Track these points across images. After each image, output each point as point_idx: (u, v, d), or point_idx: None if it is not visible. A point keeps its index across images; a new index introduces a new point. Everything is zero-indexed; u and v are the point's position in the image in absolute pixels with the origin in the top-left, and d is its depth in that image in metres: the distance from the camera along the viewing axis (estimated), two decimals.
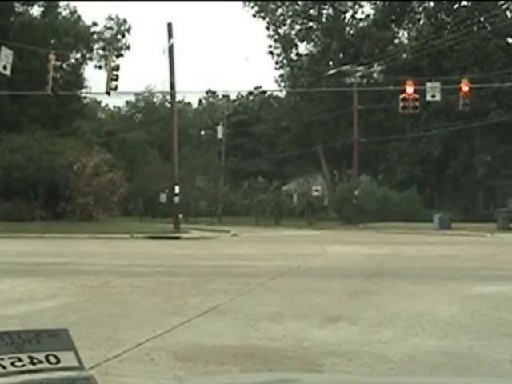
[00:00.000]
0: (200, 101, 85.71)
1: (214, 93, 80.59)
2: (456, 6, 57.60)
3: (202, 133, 78.29)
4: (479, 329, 9.01)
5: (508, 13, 56.43)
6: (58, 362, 1.41)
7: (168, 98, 49.53)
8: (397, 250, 25.37)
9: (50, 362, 1.39)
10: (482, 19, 55.27)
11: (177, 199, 38.46)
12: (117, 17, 56.43)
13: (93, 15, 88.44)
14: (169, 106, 47.77)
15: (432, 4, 59.81)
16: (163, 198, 53.45)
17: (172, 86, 39.32)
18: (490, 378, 3.54)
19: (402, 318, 9.72)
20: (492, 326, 9.19)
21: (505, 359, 7.28)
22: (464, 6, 57.20)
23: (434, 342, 8.06)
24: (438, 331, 8.73)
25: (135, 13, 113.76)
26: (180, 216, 39.12)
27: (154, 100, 74.22)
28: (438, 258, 21.29)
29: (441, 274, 16.28)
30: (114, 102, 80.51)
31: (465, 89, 36.65)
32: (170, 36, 38.45)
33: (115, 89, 34.55)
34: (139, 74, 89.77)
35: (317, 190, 56.58)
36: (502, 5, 56.31)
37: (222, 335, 8.51)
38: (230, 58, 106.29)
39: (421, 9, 60.65)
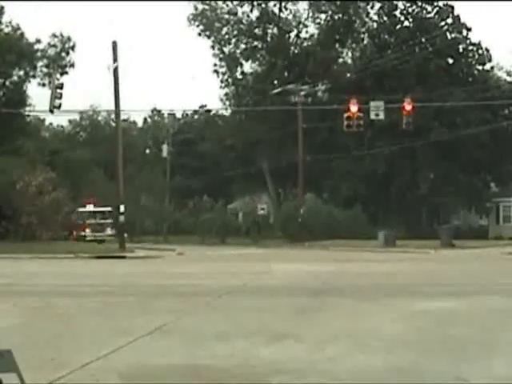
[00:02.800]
0: (145, 119, 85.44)
1: (160, 111, 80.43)
2: (398, 26, 58.60)
3: (147, 151, 77.94)
4: (423, 345, 9.11)
5: (448, 34, 57.59)
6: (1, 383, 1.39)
7: (113, 116, 49.22)
8: (342, 267, 25.55)
9: None
10: (423, 40, 56.32)
11: (122, 218, 38.14)
12: (61, 34, 55.94)
13: (36, 32, 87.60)
14: (114, 124, 47.44)
15: (375, 25, 60.74)
16: None
17: (117, 105, 39.05)
18: None
19: (347, 335, 9.78)
20: (436, 342, 9.31)
21: (448, 374, 7.38)
22: (406, 27, 58.23)
23: (380, 359, 8.13)
24: (383, 348, 8.81)
25: (80, 30, 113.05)
26: (125, 235, 38.81)
27: (99, 118, 73.75)
28: (383, 275, 21.49)
29: (386, 290, 16.43)
30: (58, 120, 79.73)
31: (408, 108, 37.23)
32: (115, 54, 38.19)
33: (59, 107, 34.24)
34: (84, 92, 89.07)
35: (262, 209, 56.71)
36: (442, 26, 57.45)
37: (168, 355, 8.45)
38: (176, 76, 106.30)
39: (364, 29, 61.54)
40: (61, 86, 34.09)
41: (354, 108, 36.89)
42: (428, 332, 10.17)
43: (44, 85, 53.29)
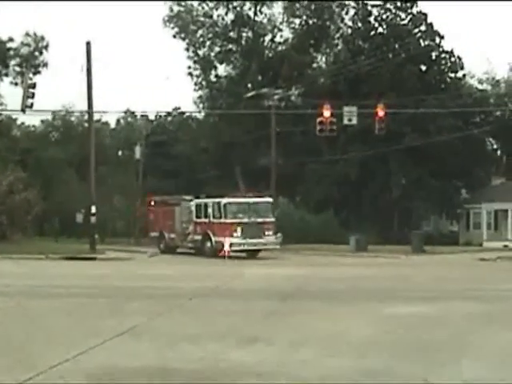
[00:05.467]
0: (118, 120, 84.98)
1: (133, 113, 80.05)
2: (372, 32, 58.87)
3: (120, 153, 77.53)
4: (394, 348, 9.14)
5: (421, 41, 57.99)
6: None
7: (86, 117, 48.91)
8: (314, 271, 25.60)
9: None
10: (396, 46, 56.66)
11: (93, 219, 37.88)
12: (34, 33, 55.54)
13: (9, 31, 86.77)
14: (86, 124, 47.14)
15: (349, 30, 61.01)
16: (79, 217, 52.59)
17: (89, 106, 38.80)
18: None
19: (319, 339, 9.79)
20: (406, 346, 9.34)
21: (417, 377, 7.42)
22: (380, 33, 58.52)
23: (350, 362, 8.14)
24: (354, 351, 8.82)
25: (54, 30, 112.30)
26: (96, 236, 38.55)
27: (72, 119, 73.23)
28: (355, 280, 21.54)
29: (357, 295, 16.48)
30: (30, 119, 79.03)
31: (380, 113, 37.34)
32: (89, 55, 37.99)
33: (31, 106, 33.95)
34: (57, 91, 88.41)
35: None
36: (415, 33, 57.84)
37: (138, 357, 8.40)
38: (150, 78, 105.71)
39: (338, 34, 61.79)
40: (33, 86, 33.82)
41: (326, 113, 36.92)
42: (399, 336, 10.21)
43: (16, 84, 52.90)
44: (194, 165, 64.60)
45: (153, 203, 42.56)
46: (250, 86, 57.45)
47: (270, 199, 36.77)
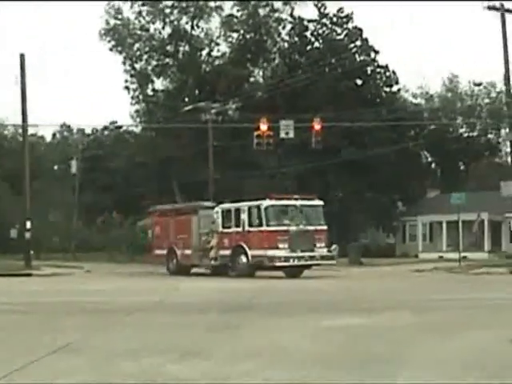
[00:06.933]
0: (54, 134, 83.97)
1: (69, 126, 79.25)
2: (308, 47, 59.48)
3: (56, 167, 76.56)
4: (333, 359, 9.14)
5: (357, 56, 58.78)
6: None
7: (20, 130, 48.12)
8: (252, 284, 25.59)
9: None
10: (333, 61, 57.32)
11: (28, 235, 37.29)
12: None
13: None
14: (21, 138, 46.40)
15: (286, 45, 61.52)
16: (14, 233, 51.74)
17: (24, 119, 38.25)
18: None
19: (259, 352, 9.73)
20: (344, 357, 9.35)
21: None
22: (316, 48, 59.17)
23: (289, 374, 8.11)
24: (294, 363, 8.79)
25: None
26: (31, 252, 37.92)
27: (6, 132, 72.08)
28: (294, 292, 21.59)
29: (297, 307, 16.50)
30: None
31: (317, 127, 37.63)
32: (23, 67, 37.54)
33: None
34: None
35: None
36: (351, 48, 58.61)
37: (74, 374, 8.21)
38: (86, 91, 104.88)
39: (275, 49, 62.25)
40: None
41: (263, 126, 37.07)
42: (337, 347, 10.22)
43: None
44: (131, 179, 64.14)
45: (159, 213, 36.97)
46: (187, 100, 57.41)
47: (320, 202, 31.31)
